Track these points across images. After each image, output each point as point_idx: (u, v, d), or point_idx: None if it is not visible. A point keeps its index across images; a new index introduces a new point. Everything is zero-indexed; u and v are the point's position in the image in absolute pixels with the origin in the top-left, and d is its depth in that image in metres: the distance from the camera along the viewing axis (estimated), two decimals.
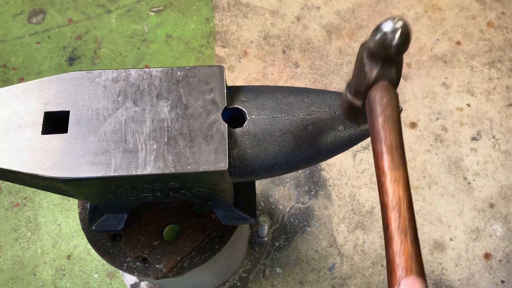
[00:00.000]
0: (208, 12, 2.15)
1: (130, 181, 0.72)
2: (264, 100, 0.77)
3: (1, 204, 1.78)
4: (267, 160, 0.76)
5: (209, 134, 0.73)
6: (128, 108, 0.75)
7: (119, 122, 0.74)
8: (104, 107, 0.75)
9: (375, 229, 1.77)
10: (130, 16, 2.12)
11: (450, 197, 1.83)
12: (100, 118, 0.74)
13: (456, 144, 1.92)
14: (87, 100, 0.75)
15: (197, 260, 0.99)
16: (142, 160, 0.71)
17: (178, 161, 0.71)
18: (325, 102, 0.77)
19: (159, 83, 0.77)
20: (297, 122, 0.75)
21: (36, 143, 0.72)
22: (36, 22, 2.10)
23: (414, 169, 1.87)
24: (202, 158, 0.71)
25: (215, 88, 0.77)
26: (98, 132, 0.73)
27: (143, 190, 0.78)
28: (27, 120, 0.74)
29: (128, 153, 0.71)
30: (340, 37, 2.11)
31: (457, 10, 2.19)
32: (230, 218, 0.94)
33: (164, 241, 0.97)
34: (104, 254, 0.99)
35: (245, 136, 0.75)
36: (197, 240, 0.97)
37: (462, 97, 2.01)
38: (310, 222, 1.79)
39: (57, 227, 1.75)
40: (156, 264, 0.95)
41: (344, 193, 1.83)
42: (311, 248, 1.75)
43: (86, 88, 0.76)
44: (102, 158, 0.71)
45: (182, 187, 0.77)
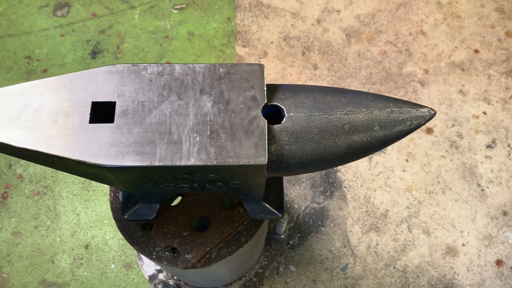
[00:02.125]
0: (230, 12, 2.18)
1: (173, 171, 0.75)
2: (302, 99, 0.80)
3: (22, 192, 1.81)
4: (303, 156, 0.78)
5: (249, 129, 0.76)
6: (173, 102, 0.78)
7: (164, 115, 0.77)
8: (149, 99, 0.78)
9: (389, 231, 1.80)
10: (153, 12, 2.15)
11: (464, 203, 1.85)
12: (146, 110, 0.77)
13: (471, 151, 1.94)
14: (133, 92, 0.78)
15: (224, 252, 1.02)
16: (186, 152, 0.74)
17: (220, 154, 0.74)
18: (362, 103, 0.79)
19: (202, 79, 0.80)
20: (334, 121, 0.78)
21: (83, 131, 0.75)
22: (61, 15, 2.14)
23: (429, 174, 1.90)
24: (243, 152, 0.74)
25: (256, 85, 0.79)
26: (144, 123, 0.76)
27: (183, 181, 0.80)
28: (74, 109, 0.77)
29: (173, 144, 0.74)
30: (359, 41, 2.14)
31: (476, 19, 2.21)
32: (258, 212, 0.97)
33: (193, 232, 1.00)
34: (134, 242, 1.02)
35: (283, 132, 0.78)
36: (225, 232, 1.00)
37: (479, 105, 2.03)
38: (324, 222, 1.81)
39: (76, 216, 1.78)
40: (185, 254, 0.98)
41: (359, 195, 1.86)
42: (325, 247, 1.77)
43: (132, 81, 0.79)
44: (148, 148, 0.74)
45: (220, 179, 0.80)
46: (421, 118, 0.79)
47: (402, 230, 1.80)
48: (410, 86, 2.05)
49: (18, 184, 1.83)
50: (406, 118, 0.79)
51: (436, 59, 2.12)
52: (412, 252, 1.77)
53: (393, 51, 2.12)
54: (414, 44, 2.14)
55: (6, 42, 2.07)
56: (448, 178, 1.89)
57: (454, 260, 1.76)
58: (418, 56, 2.12)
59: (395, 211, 1.83)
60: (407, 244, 1.78)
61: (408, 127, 0.79)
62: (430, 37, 2.15)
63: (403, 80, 2.06)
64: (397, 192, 1.87)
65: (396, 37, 2.15)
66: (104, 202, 1.81)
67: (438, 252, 1.77)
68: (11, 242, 1.74)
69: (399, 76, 2.07)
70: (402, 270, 1.74)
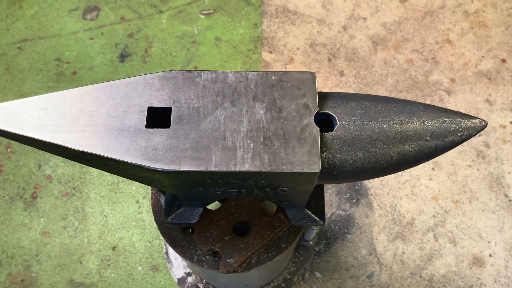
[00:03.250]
0: (256, 18, 2.20)
1: (227, 176, 0.76)
2: (353, 107, 0.81)
3: (51, 193, 1.84)
4: (354, 165, 0.79)
5: (302, 137, 0.77)
6: (227, 108, 0.79)
7: (218, 121, 0.78)
8: (204, 105, 0.79)
9: (415, 240, 1.79)
10: (181, 17, 2.18)
11: (491, 213, 1.84)
12: (201, 116, 0.78)
13: (498, 161, 1.93)
14: (188, 98, 0.79)
15: (265, 257, 1.03)
16: (240, 158, 0.75)
17: (273, 161, 0.75)
18: (414, 112, 0.80)
19: (255, 86, 0.81)
20: (386, 130, 0.79)
21: (140, 136, 0.76)
22: (90, 18, 2.17)
23: (455, 183, 1.89)
24: (296, 159, 0.75)
25: (307, 93, 0.80)
26: (199, 129, 0.77)
27: (233, 186, 0.81)
28: (131, 113, 0.78)
29: (227, 150, 0.76)
30: (386, 49, 2.14)
31: (503, 28, 2.21)
32: (300, 219, 0.97)
33: (235, 237, 1.01)
34: (176, 245, 1.03)
35: (335, 140, 0.79)
36: (266, 238, 1.01)
37: (506, 115, 2.02)
38: (350, 229, 1.81)
39: (104, 218, 1.80)
40: (227, 258, 0.99)
41: (385, 203, 1.86)
42: (350, 255, 1.77)
43: (186, 87, 0.80)
44: (203, 153, 0.75)
45: (270, 185, 0.81)
46: (472, 129, 0.79)
47: (428, 239, 1.80)
48: (436, 94, 2.05)
49: (47, 184, 1.86)
50: (457, 129, 0.79)
51: (463, 68, 2.11)
52: (438, 262, 1.76)
53: (420, 59, 2.12)
54: (441, 53, 2.14)
55: (37, 45, 2.10)
56: (474, 187, 1.89)
57: (481, 271, 1.75)
58: (444, 65, 2.11)
59: (421, 220, 1.83)
60: (433, 253, 1.77)
61: (459, 138, 0.79)
62: (457, 46, 2.15)
63: (430, 89, 2.06)
64: (423, 201, 1.86)
65: (423, 46, 2.15)
66: (131, 204, 1.83)
67: (464, 262, 1.76)
68: (40, 242, 1.76)
69: (426, 85, 2.07)
70: (428, 279, 1.73)
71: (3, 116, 0.77)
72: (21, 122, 0.77)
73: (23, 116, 0.77)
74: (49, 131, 0.77)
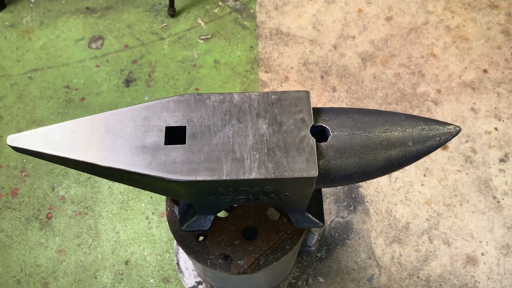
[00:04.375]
0: (252, 41, 2.34)
1: (237, 184, 0.88)
2: (344, 120, 0.93)
3: (65, 213, 1.94)
4: (347, 170, 0.91)
5: (300, 147, 0.89)
6: (234, 125, 0.91)
7: (227, 136, 0.90)
8: (214, 123, 0.91)
9: (411, 243, 1.90)
10: (181, 43, 2.31)
11: (481, 215, 1.95)
12: (212, 132, 0.90)
13: (485, 165, 2.05)
14: (200, 118, 0.91)
15: (271, 258, 1.13)
16: (248, 167, 0.86)
17: (277, 168, 0.86)
18: (396, 122, 0.92)
19: (258, 105, 0.93)
20: (373, 138, 0.90)
21: (160, 152, 0.88)
22: (96, 47, 2.30)
23: (446, 187, 2.00)
24: (296, 166, 0.87)
25: (303, 109, 0.93)
26: (211, 143, 0.89)
27: (242, 193, 0.93)
28: (151, 133, 0.90)
29: (236, 161, 0.87)
30: (374, 64, 2.28)
31: (483, 41, 2.35)
32: (302, 222, 1.08)
33: (244, 241, 1.11)
34: (190, 252, 1.14)
35: (329, 149, 0.91)
36: (272, 240, 1.11)
37: (490, 121, 2.15)
38: (349, 235, 1.92)
39: (116, 234, 1.90)
40: (238, 260, 1.09)
41: (381, 209, 1.97)
42: (351, 259, 1.87)
43: (198, 108, 0.92)
44: (216, 165, 0.87)
45: (274, 191, 0.92)
46: (448, 134, 0.91)
47: (424, 241, 1.90)
48: (424, 105, 2.18)
49: (61, 205, 1.96)
50: (435, 135, 0.91)
51: (448, 79, 2.25)
52: (434, 262, 1.86)
53: (407, 73, 2.26)
54: (426, 66, 2.28)
55: (46, 74, 2.23)
56: (464, 191, 2.00)
57: (475, 269, 1.85)
58: (430, 77, 2.25)
59: (416, 224, 1.94)
60: (428, 255, 1.88)
61: (437, 142, 0.91)
62: (441, 59, 2.29)
63: (418, 100, 2.19)
64: (417, 206, 1.97)
65: (409, 60, 2.29)
66: (141, 220, 1.93)
67: (459, 262, 1.86)
68: (56, 259, 1.86)
69: (414, 96, 2.20)
70: (425, 279, 1.83)
71: (40, 140, 0.89)
72: (56, 144, 0.88)
73: (57, 139, 0.89)
74: (80, 151, 0.88)
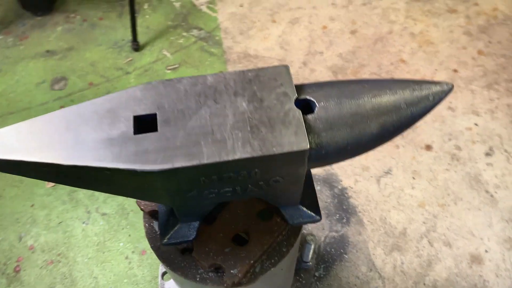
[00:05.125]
0: (220, 66, 2.29)
1: (221, 169, 0.77)
2: (328, 91, 0.86)
3: (35, 263, 1.76)
4: (339, 141, 0.82)
5: (286, 120, 0.80)
6: (210, 106, 0.82)
7: (204, 118, 0.80)
8: (188, 107, 0.82)
9: (411, 249, 1.79)
10: (148, 75, 2.25)
11: (477, 211, 1.88)
12: (186, 116, 0.81)
13: (472, 161, 2.01)
14: (172, 103, 0.82)
15: (268, 264, 1.01)
16: (231, 147, 0.77)
17: (263, 145, 0.77)
18: (384, 86, 0.85)
19: (234, 83, 0.85)
20: (363, 105, 0.83)
21: (130, 143, 0.77)
22: (59, 88, 2.21)
23: (437, 188, 1.93)
24: (285, 140, 0.78)
25: (284, 83, 0.85)
26: (186, 128, 0.79)
27: (227, 183, 0.82)
28: (117, 125, 0.80)
29: (217, 142, 0.77)
30: (346, 76, 2.26)
31: (448, 43, 2.38)
32: (297, 217, 0.98)
33: (235, 247, 0.99)
34: (176, 268, 1.00)
35: (317, 121, 0.82)
36: (266, 244, 1.00)
37: (469, 118, 2.13)
38: (346, 249, 1.80)
39: (94, 280, 1.73)
40: (230, 269, 0.96)
41: (375, 217, 1.87)
42: (351, 274, 1.74)
43: (168, 93, 0.83)
44: (194, 149, 0.77)
45: (263, 176, 0.82)
46: (441, 92, 0.85)
47: (424, 245, 1.80)
48: None
49: (30, 255, 1.78)
50: (428, 94, 0.85)
51: None
52: (438, 266, 1.75)
53: None
54: (397, 72, 2.27)
55: (7, 120, 2.11)
56: (456, 189, 1.93)
57: (481, 268, 1.75)
58: None
59: (413, 228, 1.84)
60: (431, 259, 1.77)
61: (431, 102, 0.84)
62: (410, 64, 2.30)
63: None
64: (410, 210, 1.89)
65: (379, 68, 2.28)
66: (121, 261, 1.77)
67: (463, 262, 1.76)
68: None
69: None
70: (432, 285, 1.71)
71: None
72: (10, 147, 0.77)
73: (11, 142, 0.78)
74: (38, 152, 0.77)
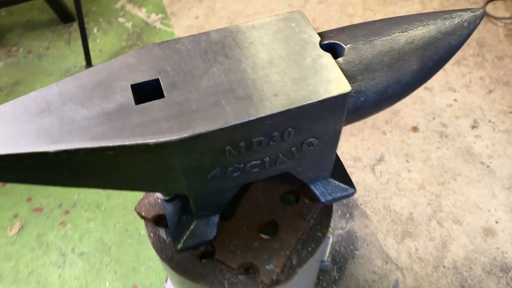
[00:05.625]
0: None
1: (251, 130, 0.63)
2: (352, 32, 0.74)
3: None
4: (379, 83, 0.70)
5: (317, 67, 0.67)
6: (222, 63, 0.68)
7: (218, 76, 0.66)
8: (195, 67, 0.67)
9: (422, 233, 1.69)
10: None
11: (477, 183, 1.81)
12: (196, 77, 0.66)
13: (460, 136, 1.96)
14: (175, 65, 0.67)
15: (305, 253, 0.85)
16: (259, 103, 0.63)
17: (298, 95, 0.64)
18: (412, 19, 0.75)
19: (244, 36, 0.72)
20: (396, 40, 0.72)
21: (132, 114, 0.62)
22: None
23: (433, 167, 1.86)
24: (321, 87, 0.65)
25: (304, 29, 0.73)
26: (200, 89, 0.65)
27: (255, 153, 0.68)
28: (112, 97, 0.64)
29: (242, 100, 0.63)
30: None
31: None
32: (330, 193, 0.84)
33: (264, 240, 0.84)
34: (197, 278, 0.83)
35: (349, 64, 0.70)
36: (300, 229, 0.85)
37: (447, 95, 2.10)
38: (356, 245, 1.67)
39: None
40: (265, 265, 0.80)
41: (378, 207, 1.76)
42: (367, 270, 1.60)
43: (168, 56, 0.69)
44: (215, 110, 0.62)
45: (297, 138, 0.69)
46: (473, 17, 0.76)
47: (434, 227, 1.70)
48: None
49: None
50: (461, 21, 0.75)
51: None
52: (453, 246, 1.65)
53: None
54: None
55: None
56: (452, 165, 1.87)
57: (496, 240, 1.67)
58: None
59: (419, 211, 1.74)
60: (445, 240, 1.67)
61: (467, 29, 0.75)
62: None
63: None
64: (412, 193, 1.79)
65: None
66: None
67: (477, 237, 1.67)
68: None
69: None
70: (452, 267, 1.61)
71: None
72: None
73: None
74: (14, 142, 0.59)
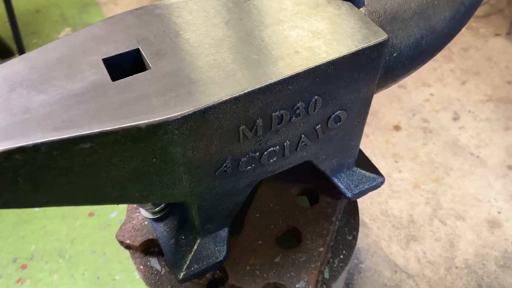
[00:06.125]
0: None
1: (271, 99, 0.48)
2: None
3: None
4: (411, 35, 0.58)
5: (341, 17, 0.54)
6: (218, 25, 0.53)
7: (220, 38, 0.51)
8: (187, 30, 0.52)
9: (426, 235, 1.56)
10: None
11: (471, 175, 1.73)
12: (190, 41, 0.51)
13: (444, 129, 1.89)
14: (158, 32, 0.52)
15: (337, 263, 0.69)
16: (278, 62, 0.48)
17: (328, 49, 0.49)
18: None
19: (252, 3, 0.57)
20: None
21: (110, 92, 0.45)
22: None
23: (423, 164, 1.76)
24: (353, 39, 0.51)
25: None
26: (196, 55, 0.49)
27: (275, 134, 0.52)
28: (79, 75, 0.47)
29: (255, 62, 0.48)
30: None
31: None
32: (356, 185, 0.69)
33: (287, 253, 0.67)
34: None
35: (373, 14, 0.57)
36: (326, 234, 0.69)
37: (422, 90, 2.04)
38: (360, 257, 1.51)
39: None
40: (295, 283, 0.63)
41: (375, 213, 1.62)
42: (377, 284, 1.45)
43: (147, 22, 0.53)
44: (222, 76, 0.46)
45: (324, 108, 0.54)
46: None
47: (437, 226, 1.58)
48: None
49: None
50: None
51: None
52: (461, 243, 1.53)
53: None
54: None
55: None
56: (442, 160, 1.78)
57: (503, 231, 1.56)
58: None
59: (419, 212, 1.62)
60: (451, 238, 1.55)
61: None
62: None
63: None
64: (408, 194, 1.68)
65: None
66: None
67: (483, 231, 1.56)
68: None
69: None
70: (465, 266, 1.48)
71: None
72: None
73: None
74: None
